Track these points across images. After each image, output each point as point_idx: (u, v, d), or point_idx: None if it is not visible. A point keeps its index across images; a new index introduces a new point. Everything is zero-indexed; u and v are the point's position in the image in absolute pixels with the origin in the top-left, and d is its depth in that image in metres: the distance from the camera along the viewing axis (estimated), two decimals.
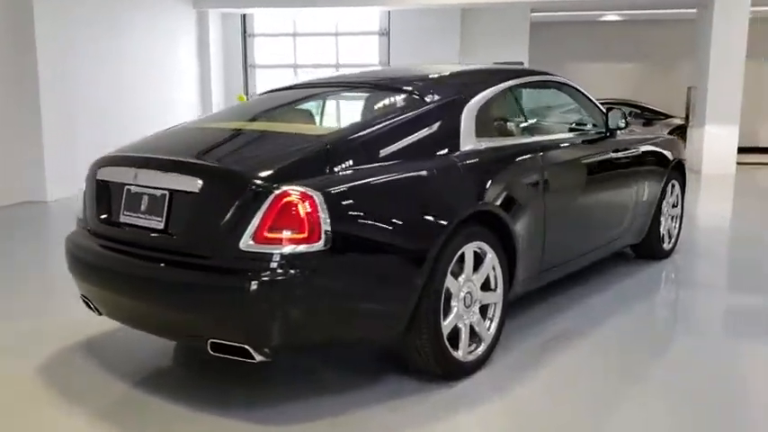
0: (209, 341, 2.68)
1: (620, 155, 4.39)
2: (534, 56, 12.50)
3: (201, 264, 2.72)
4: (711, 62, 10.61)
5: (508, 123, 3.89)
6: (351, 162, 2.87)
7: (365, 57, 12.91)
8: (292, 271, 2.60)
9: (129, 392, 3.09)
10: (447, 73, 3.84)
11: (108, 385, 3.17)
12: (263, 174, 2.72)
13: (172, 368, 3.46)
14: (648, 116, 13.12)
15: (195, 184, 2.79)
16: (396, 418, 2.81)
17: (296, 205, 2.61)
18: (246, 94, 12.98)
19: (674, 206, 5.17)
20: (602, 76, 15.36)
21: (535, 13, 12.82)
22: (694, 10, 11.96)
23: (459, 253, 3.00)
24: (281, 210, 2.62)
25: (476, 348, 3.13)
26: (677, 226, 5.33)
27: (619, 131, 4.49)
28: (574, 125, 4.33)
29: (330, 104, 4.00)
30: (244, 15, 13.04)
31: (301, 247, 2.61)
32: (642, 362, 3.39)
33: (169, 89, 11.45)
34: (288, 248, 2.61)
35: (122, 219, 3.05)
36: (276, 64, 13.41)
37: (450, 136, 3.24)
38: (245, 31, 13.16)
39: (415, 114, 3.23)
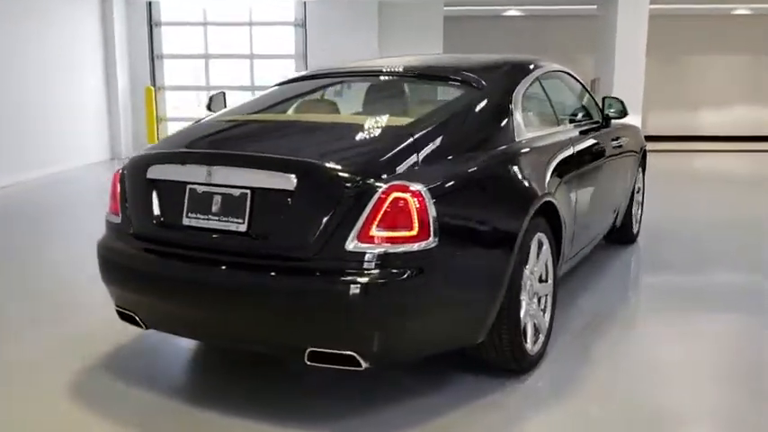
0: (308, 350, 2.50)
1: (615, 143, 4.58)
2: (448, 50, 12.74)
3: (298, 267, 2.51)
4: (617, 56, 11.26)
5: (540, 113, 3.92)
6: (437, 153, 2.78)
7: (281, 48, 12.68)
8: (404, 271, 2.46)
9: (160, 401, 2.90)
10: (484, 62, 3.79)
11: (138, 394, 2.97)
12: (367, 168, 2.56)
13: (203, 374, 3.30)
14: None
15: (289, 182, 2.56)
16: (494, 417, 2.76)
17: (406, 201, 2.48)
18: (154, 86, 12.40)
19: (638, 191, 5.47)
20: None
21: (448, 8, 13.07)
22: (594, 6, 12.66)
23: (530, 244, 2.98)
24: (389, 206, 2.47)
25: (537, 340, 3.12)
26: (640, 211, 5.65)
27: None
28: (579, 114, 4.45)
29: (378, 95, 3.86)
30: (149, 3, 12.43)
31: (412, 246, 2.48)
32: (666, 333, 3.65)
33: (70, 81, 10.81)
34: (398, 247, 2.47)
35: (186, 222, 2.76)
36: (185, 54, 12.90)
37: (509, 127, 3.22)
38: (150, 20, 12.54)
39: (480, 105, 3.18)
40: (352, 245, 2.46)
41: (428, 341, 2.69)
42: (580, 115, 4.43)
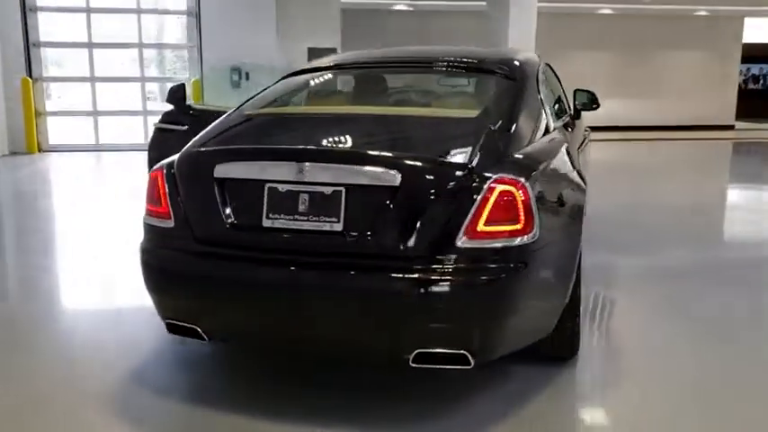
0: (416, 353, 2.40)
1: (585, 134, 4.78)
2: (346, 43, 12.77)
3: (405, 267, 2.39)
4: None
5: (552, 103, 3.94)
6: (515, 145, 2.74)
7: (172, 37, 12.16)
8: (513, 266, 2.41)
9: (190, 411, 2.76)
10: (499, 54, 3.74)
11: (166, 405, 2.82)
12: (471, 162, 2.47)
13: (231, 380, 3.10)
14: None
15: (394, 178, 2.42)
16: (571, 401, 2.84)
17: (512, 194, 2.42)
18: (30, 76, 11.50)
19: None
20: None
21: (346, 0, 13.09)
22: (483, 3, 13.16)
23: None
24: (496, 200, 2.40)
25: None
26: None
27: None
28: (559, 106, 4.53)
29: (419, 86, 3.77)
30: None
31: (518, 240, 2.42)
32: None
33: None
34: (505, 242, 2.40)
35: (267, 223, 2.54)
36: (67, 42, 12.05)
37: (545, 117, 3.23)
38: (24, 5, 11.60)
39: (524, 96, 3.12)
40: (461, 241, 2.39)
41: (523, 335, 2.65)
42: (558, 107, 4.59)
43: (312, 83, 3.81)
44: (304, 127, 3.06)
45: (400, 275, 2.40)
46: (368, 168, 2.49)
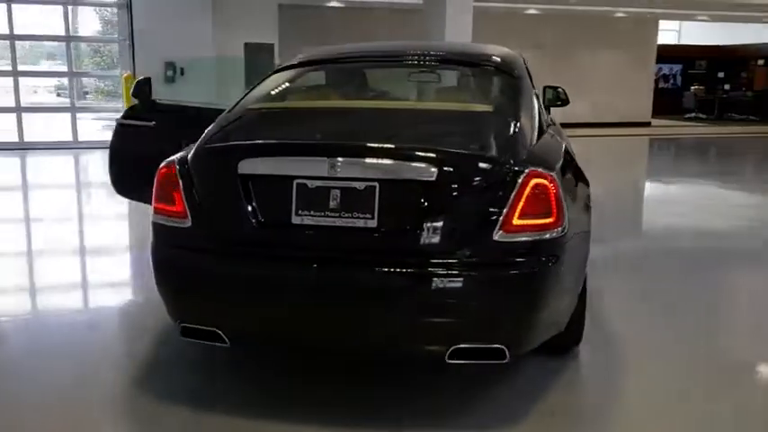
0: (452, 348, 2.37)
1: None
2: (283, 38, 12.64)
3: (443, 262, 2.37)
4: None
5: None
6: (531, 139, 2.73)
7: (90, 30, 11.67)
8: (546, 259, 2.43)
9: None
10: (494, 50, 3.73)
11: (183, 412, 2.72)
12: (504, 156, 2.46)
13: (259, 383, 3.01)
14: None
15: (430, 173, 2.38)
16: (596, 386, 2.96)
17: (545, 187, 2.43)
18: None
19: None
20: None
21: None
22: (420, 1, 13.29)
23: None
24: (531, 193, 2.40)
25: None
26: None
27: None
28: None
29: (425, 81, 3.70)
30: None
31: (550, 233, 2.43)
32: None
33: None
34: (538, 235, 2.41)
35: (296, 220, 2.47)
36: None
37: (544, 112, 3.28)
38: None
39: (529, 91, 3.15)
40: (497, 235, 2.38)
41: (550, 327, 2.66)
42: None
43: (312, 77, 3.74)
44: (324, 121, 2.98)
45: (439, 271, 2.38)
46: (403, 163, 2.46)
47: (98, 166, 9.54)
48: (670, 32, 23.06)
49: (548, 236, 2.42)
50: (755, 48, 21.77)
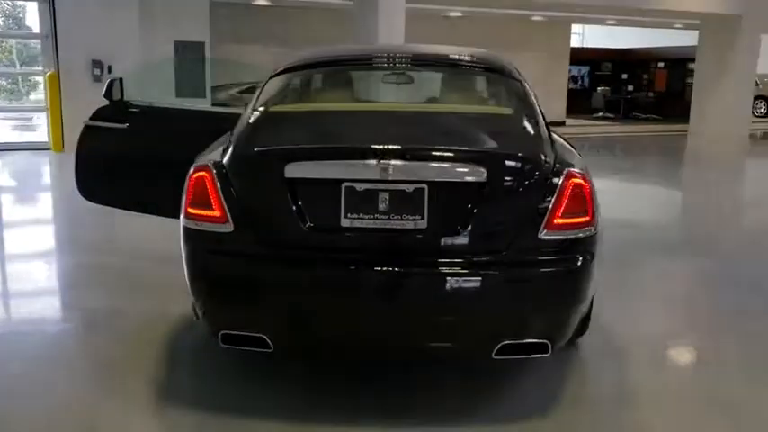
0: (502, 344, 2.43)
1: None
2: (216, 35, 12.41)
3: (493, 261, 2.44)
4: None
5: None
6: (552, 139, 2.84)
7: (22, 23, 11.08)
8: (584, 256, 2.54)
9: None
10: (487, 52, 3.79)
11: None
12: (545, 157, 2.54)
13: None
14: None
15: (481, 174, 2.45)
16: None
17: (582, 186, 2.54)
18: None
19: None
20: (262, 58, 15.90)
21: None
22: (350, 2, 13.36)
23: None
24: (572, 193, 2.51)
25: None
26: None
27: None
28: None
29: (429, 82, 3.71)
30: None
31: (585, 231, 2.56)
32: None
33: None
34: (576, 233, 2.53)
35: (345, 223, 2.50)
36: None
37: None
38: None
39: (532, 95, 3.25)
40: (543, 233, 2.50)
41: (578, 319, 2.77)
42: None
43: (327, 78, 3.75)
44: (362, 124, 2.98)
45: (489, 270, 2.48)
46: (453, 165, 2.53)
47: None
48: (574, 36, 24.20)
49: (583, 234, 2.57)
50: (656, 51, 23.18)
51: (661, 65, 23.90)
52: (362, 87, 3.85)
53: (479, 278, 2.49)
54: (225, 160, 2.68)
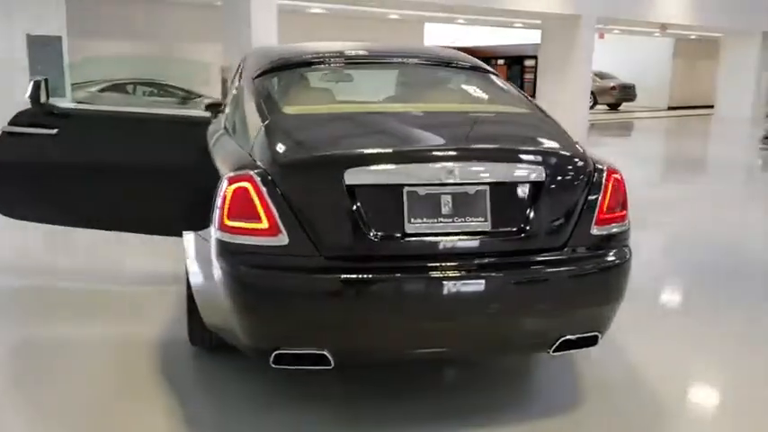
0: (561, 340, 2.48)
1: None
2: (73, 31, 11.47)
3: (555, 259, 2.50)
4: (254, 45, 11.87)
5: None
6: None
7: None
8: (624, 248, 2.66)
9: None
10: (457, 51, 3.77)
11: None
12: (588, 154, 2.64)
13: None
14: (181, 95, 13.52)
15: (541, 174, 2.52)
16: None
17: (620, 182, 2.66)
18: None
19: None
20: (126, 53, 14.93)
21: None
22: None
23: None
24: (613, 188, 2.61)
25: None
26: None
27: None
28: None
29: (430, 82, 3.62)
30: None
31: (623, 225, 2.69)
32: None
33: None
34: (618, 227, 2.65)
35: (409, 229, 2.41)
36: None
37: None
38: None
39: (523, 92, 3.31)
40: (594, 229, 2.59)
41: None
42: None
43: (332, 77, 3.66)
44: (405, 125, 2.87)
45: (552, 268, 2.53)
46: (514, 165, 2.58)
47: None
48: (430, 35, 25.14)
49: (622, 227, 2.70)
50: (497, 49, 24.71)
51: (501, 62, 25.52)
52: (367, 86, 3.79)
53: (546, 276, 2.54)
54: (269, 168, 2.49)
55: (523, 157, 2.63)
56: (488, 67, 3.66)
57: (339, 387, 2.97)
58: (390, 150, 2.59)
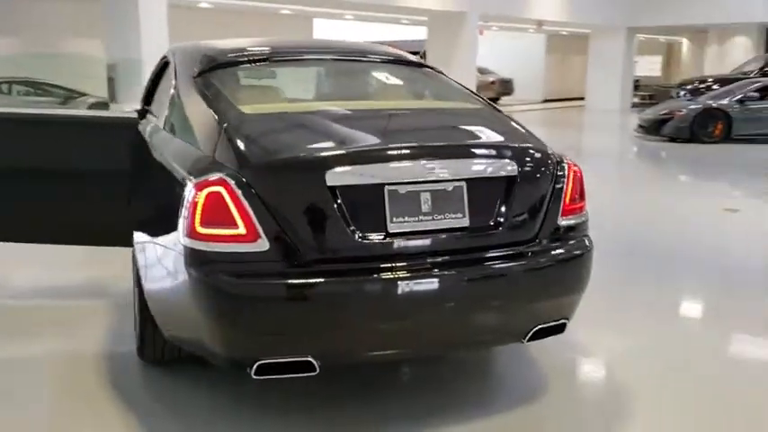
0: (535, 329, 2.55)
1: None
2: None
3: (528, 251, 2.57)
4: (143, 41, 11.33)
5: None
6: None
7: None
8: (586, 238, 2.77)
9: None
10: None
11: None
12: (551, 148, 2.72)
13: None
14: (62, 94, 12.66)
15: (514, 168, 2.58)
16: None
17: (580, 174, 2.75)
18: None
19: None
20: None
21: None
22: None
23: None
24: (575, 179, 2.70)
25: None
26: None
27: None
28: None
29: (381, 79, 3.57)
30: None
31: (584, 214, 2.77)
32: None
33: None
34: (579, 217, 2.73)
35: (392, 228, 2.40)
36: None
37: None
38: None
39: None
40: (560, 219, 2.68)
41: None
42: None
43: (278, 75, 3.56)
44: (375, 123, 2.86)
45: (530, 260, 2.59)
46: (489, 161, 2.62)
47: None
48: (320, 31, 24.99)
49: (583, 217, 2.80)
50: (386, 45, 24.91)
51: None
52: (318, 84, 3.70)
53: (522, 268, 2.58)
54: (242, 170, 2.38)
55: (497, 152, 2.68)
56: (432, 65, 3.72)
57: (302, 392, 2.93)
58: (371, 149, 2.57)
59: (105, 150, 3.71)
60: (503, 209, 2.58)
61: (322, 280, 2.36)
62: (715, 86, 15.96)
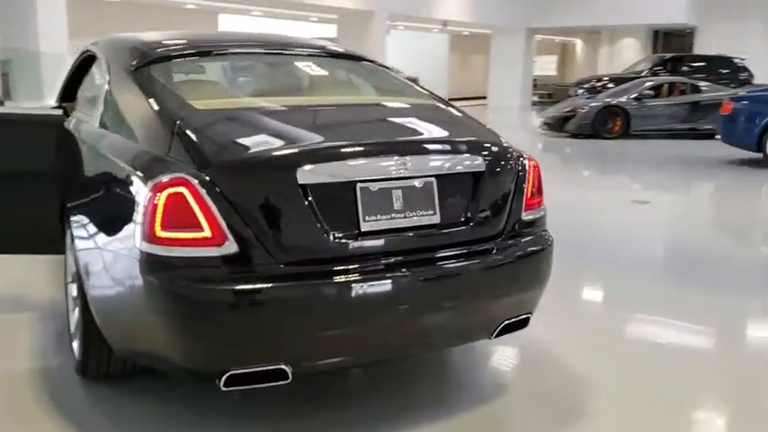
0: (503, 324, 2.57)
1: None
2: None
3: (497, 246, 2.57)
4: (40, 35, 10.70)
5: None
6: None
7: None
8: (546, 232, 2.82)
9: None
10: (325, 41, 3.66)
11: None
12: (510, 144, 2.73)
13: None
14: None
15: (481, 164, 2.59)
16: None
17: (538, 169, 2.76)
18: None
19: None
20: None
21: None
22: None
23: None
24: (534, 175, 2.72)
25: None
26: None
27: None
28: None
29: (333, 74, 3.50)
30: None
31: (542, 209, 2.83)
32: None
33: None
34: (539, 212, 2.77)
35: (365, 227, 2.34)
36: None
37: None
38: None
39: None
40: (524, 214, 2.71)
41: None
42: None
43: (223, 69, 3.43)
44: (339, 120, 2.83)
45: (499, 254, 2.59)
46: (457, 156, 2.61)
47: None
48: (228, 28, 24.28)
49: (542, 212, 2.85)
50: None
51: None
52: (266, 78, 3.57)
53: (492, 263, 2.58)
54: (205, 170, 2.25)
55: (464, 147, 2.67)
56: (382, 62, 3.69)
57: (258, 399, 2.82)
58: (341, 146, 2.48)
59: (29, 150, 3.47)
60: (471, 205, 2.59)
61: (296, 282, 2.26)
62: (610, 85, 16.76)
